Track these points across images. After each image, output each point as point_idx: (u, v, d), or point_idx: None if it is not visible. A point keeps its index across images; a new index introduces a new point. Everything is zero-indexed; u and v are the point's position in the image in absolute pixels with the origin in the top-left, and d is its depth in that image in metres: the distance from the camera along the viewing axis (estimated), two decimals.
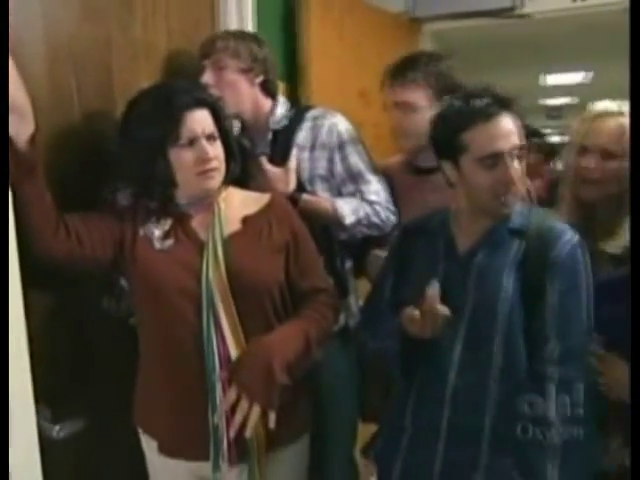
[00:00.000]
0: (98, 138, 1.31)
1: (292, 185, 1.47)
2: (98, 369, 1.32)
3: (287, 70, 2.03)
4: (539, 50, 5.47)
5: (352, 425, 1.65)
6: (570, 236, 1.13)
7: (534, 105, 11.10)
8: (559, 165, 3.51)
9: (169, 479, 1.22)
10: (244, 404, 1.07)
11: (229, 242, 1.15)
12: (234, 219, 1.19)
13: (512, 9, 2.47)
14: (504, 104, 1.13)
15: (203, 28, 1.64)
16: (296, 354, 1.12)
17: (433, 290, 1.08)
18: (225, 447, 1.11)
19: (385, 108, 1.54)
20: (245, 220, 1.19)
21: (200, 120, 1.13)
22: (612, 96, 1.14)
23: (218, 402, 1.10)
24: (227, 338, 1.10)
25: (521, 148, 1.12)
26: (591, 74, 7.50)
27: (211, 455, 1.12)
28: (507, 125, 1.11)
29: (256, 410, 1.07)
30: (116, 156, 1.18)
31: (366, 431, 1.53)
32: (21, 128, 1.00)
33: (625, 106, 1.28)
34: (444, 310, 1.08)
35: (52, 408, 1.16)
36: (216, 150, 1.14)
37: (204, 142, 1.12)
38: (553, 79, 7.92)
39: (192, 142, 1.11)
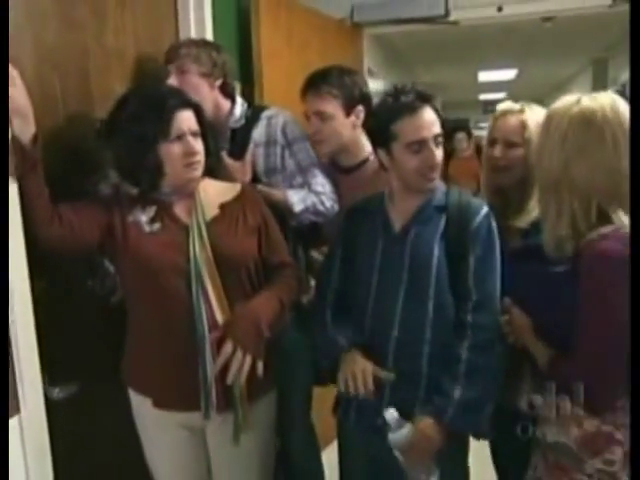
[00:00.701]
0: (80, 136, 1.48)
1: (248, 176, 1.67)
2: (87, 340, 1.49)
3: (242, 72, 2.20)
4: (473, 49, 5.85)
5: (306, 390, 1.83)
6: (485, 211, 1.37)
7: (473, 100, 11.64)
8: None
9: (159, 431, 1.40)
10: (239, 355, 1.28)
11: (211, 225, 1.35)
12: (213, 205, 1.38)
13: (445, 16, 2.74)
14: (426, 99, 1.37)
15: (167, 36, 1.82)
16: (275, 315, 1.35)
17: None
18: (214, 398, 1.31)
19: (306, 117, 1.74)
20: (222, 206, 1.39)
21: (186, 119, 1.31)
22: (536, 90, 1.39)
23: (207, 359, 1.30)
24: (213, 305, 1.30)
25: (440, 136, 1.37)
26: (517, 71, 8.02)
27: (202, 405, 1.32)
28: (429, 116, 1.35)
29: (248, 359, 1.28)
30: (103, 150, 1.34)
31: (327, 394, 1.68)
32: (24, 129, 1.16)
33: (527, 105, 1.58)
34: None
35: (50, 373, 1.33)
36: (199, 145, 1.34)
37: (190, 138, 1.31)
38: (487, 76, 8.40)
39: (180, 138, 1.30)
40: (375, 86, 4.92)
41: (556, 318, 1.18)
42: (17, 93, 1.14)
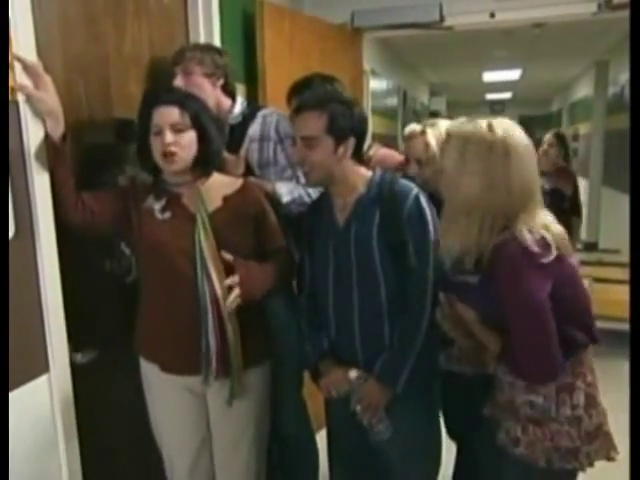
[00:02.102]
0: (101, 134, 1.67)
1: (241, 169, 1.82)
2: (106, 313, 1.69)
3: (247, 75, 2.40)
4: (477, 50, 5.97)
5: (296, 370, 1.92)
6: (413, 194, 1.46)
7: (480, 100, 11.76)
8: None
9: (165, 393, 1.59)
10: (236, 290, 1.46)
11: (215, 215, 1.52)
12: (217, 198, 1.55)
13: (440, 22, 2.90)
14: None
15: (179, 42, 2.00)
16: (268, 279, 1.55)
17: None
18: (214, 365, 1.50)
19: (292, 120, 1.82)
20: (225, 199, 1.56)
21: (165, 114, 1.44)
22: (541, 90, 1.52)
23: (210, 330, 1.48)
24: (215, 284, 1.47)
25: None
26: (521, 72, 8.12)
27: (202, 372, 1.51)
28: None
29: (236, 292, 1.46)
30: (118, 146, 1.54)
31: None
32: (55, 128, 1.36)
33: (429, 126, 1.82)
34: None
35: (74, 341, 1.52)
36: (180, 139, 1.44)
37: (167, 132, 1.43)
38: (492, 76, 8.51)
39: (159, 132, 1.44)
40: (379, 86, 5.10)
41: (487, 312, 1.32)
42: (49, 97, 1.34)
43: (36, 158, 1.34)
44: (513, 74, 8.32)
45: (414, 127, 1.83)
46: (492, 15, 2.92)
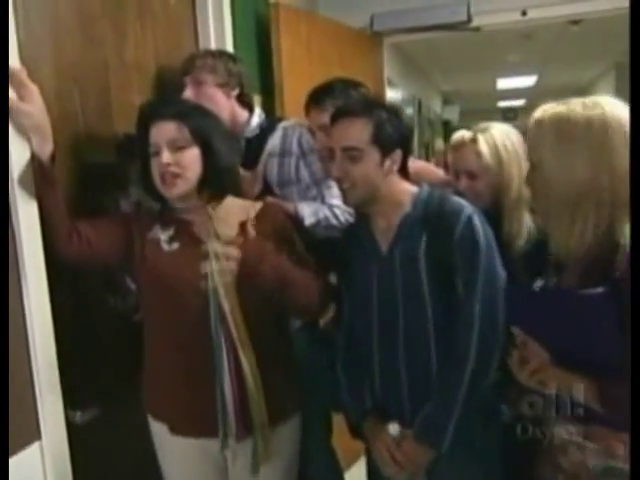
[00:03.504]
0: (100, 151, 1.45)
1: (258, 188, 1.62)
2: (109, 360, 1.45)
3: (263, 85, 2.19)
4: (492, 56, 5.79)
5: (325, 415, 1.75)
6: (466, 215, 1.24)
7: (493, 108, 11.56)
8: None
9: (177, 459, 1.35)
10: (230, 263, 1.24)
11: (230, 244, 1.28)
12: (232, 224, 1.32)
13: (467, 22, 2.68)
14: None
15: (187, 49, 1.79)
16: (287, 271, 1.29)
17: None
18: (232, 423, 1.26)
19: (310, 131, 1.68)
20: (242, 225, 1.33)
21: (162, 131, 1.23)
22: (556, 96, 1.32)
23: (225, 382, 1.25)
24: (231, 327, 1.25)
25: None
26: (537, 78, 7.92)
27: (220, 432, 1.26)
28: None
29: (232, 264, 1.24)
30: (121, 165, 1.31)
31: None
32: (43, 147, 1.14)
33: (480, 132, 1.54)
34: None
35: (71, 396, 1.28)
36: (181, 158, 1.23)
37: (165, 151, 1.22)
38: (506, 83, 8.32)
39: (157, 152, 1.24)
40: (395, 95, 4.90)
41: (582, 343, 1.04)
42: (36, 110, 1.12)
43: (20, 183, 1.12)
44: (528, 80, 8.13)
45: (463, 135, 1.58)
46: (524, 13, 2.70)
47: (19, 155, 1.12)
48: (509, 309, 1.22)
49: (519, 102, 11.22)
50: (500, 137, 1.51)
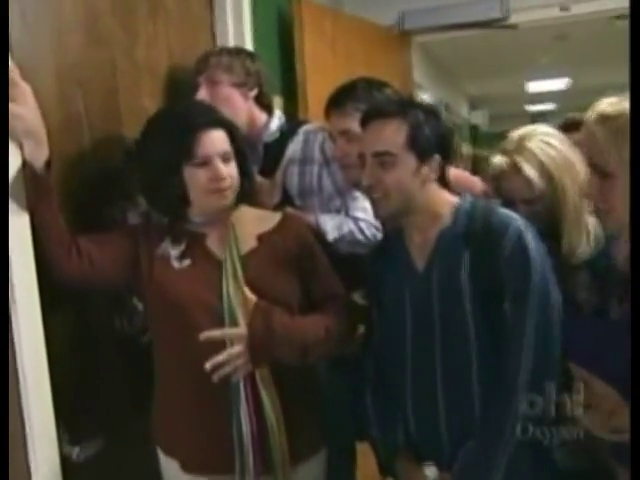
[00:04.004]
0: (106, 159, 1.33)
1: (277, 197, 1.49)
2: (113, 389, 1.32)
3: (285, 87, 2.08)
4: (523, 58, 5.59)
5: (350, 447, 1.63)
6: (514, 228, 1.10)
7: (521, 112, 11.28)
8: None
9: None
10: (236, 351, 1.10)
11: (247, 259, 1.17)
12: (249, 237, 1.20)
13: (502, 19, 2.52)
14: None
15: (203, 49, 1.66)
16: (317, 340, 1.17)
17: None
18: (250, 460, 1.12)
19: (331, 138, 1.53)
20: (260, 238, 1.21)
21: (215, 140, 1.14)
22: (588, 100, 1.16)
23: (242, 414, 1.12)
24: None
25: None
26: (570, 81, 7.66)
27: (237, 470, 1.13)
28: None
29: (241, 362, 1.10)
30: (130, 173, 1.19)
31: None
32: (37, 153, 1.02)
33: (521, 158, 1.30)
34: None
35: (70, 430, 1.17)
36: (230, 169, 1.16)
37: (218, 161, 1.13)
38: (536, 86, 8.07)
39: (206, 161, 1.13)
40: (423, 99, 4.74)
41: None
42: (28, 113, 1.00)
43: (10, 193, 1.00)
44: (559, 83, 7.87)
45: (501, 162, 1.32)
46: (564, 8, 2.52)
47: (9, 162, 1.00)
48: (566, 339, 1.07)
49: (549, 106, 10.93)
50: (542, 150, 1.29)
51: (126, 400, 1.34)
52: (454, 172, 1.71)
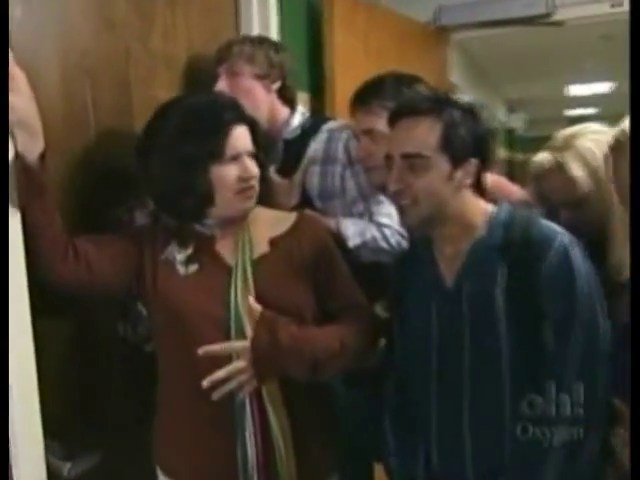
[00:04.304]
0: (114, 155, 1.24)
1: (295, 199, 1.39)
2: (113, 400, 1.24)
3: (313, 82, 1.98)
4: (566, 60, 5.37)
5: (367, 468, 1.54)
6: (560, 241, 0.97)
7: (559, 116, 10.94)
8: None
9: None
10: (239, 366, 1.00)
11: (258, 265, 1.08)
12: (262, 241, 1.11)
13: (547, 16, 2.35)
14: None
15: (225, 39, 1.56)
16: (330, 353, 1.05)
17: None
18: None
19: (356, 137, 1.41)
20: (273, 242, 1.11)
21: (243, 136, 1.06)
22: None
23: (248, 437, 1.03)
24: None
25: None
26: (613, 85, 7.36)
27: None
28: None
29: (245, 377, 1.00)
30: (141, 172, 1.09)
31: None
32: (30, 145, 0.93)
33: (567, 154, 1.20)
34: None
35: (63, 443, 1.09)
36: (256, 168, 1.08)
37: (247, 159, 1.06)
38: (577, 90, 7.79)
39: (235, 159, 1.05)
40: None
41: None
42: (21, 101, 0.91)
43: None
44: (602, 87, 7.57)
45: (545, 160, 1.23)
46: (616, 4, 2.35)
47: None
48: (613, 373, 0.95)
49: (590, 111, 10.57)
50: (590, 149, 1.18)
51: (127, 413, 1.25)
52: (493, 179, 1.58)
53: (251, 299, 1.03)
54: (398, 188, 1.02)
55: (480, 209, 1.05)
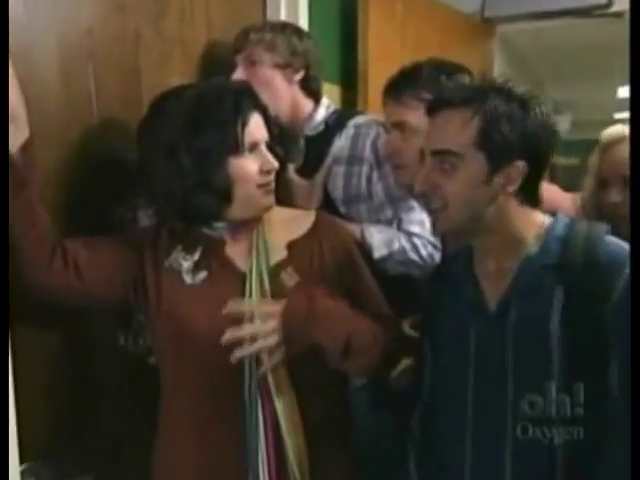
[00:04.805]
0: (119, 148, 1.13)
1: (316, 202, 1.28)
2: (111, 418, 1.13)
3: (343, 74, 1.85)
4: (620, 58, 5.08)
5: None
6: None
7: (608, 119, 10.50)
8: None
9: None
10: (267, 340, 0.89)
11: (274, 273, 0.96)
12: (278, 245, 0.99)
13: (606, 6, 2.14)
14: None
15: (249, 23, 1.44)
16: (360, 336, 0.95)
17: None
18: None
19: (386, 130, 1.27)
20: (291, 246, 0.99)
21: (259, 125, 0.96)
22: None
23: (260, 467, 0.93)
24: (272, 392, 0.92)
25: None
26: None
27: None
28: None
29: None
30: (150, 167, 0.97)
31: None
32: (11, 134, 0.83)
33: None
34: None
35: (54, 465, 1.00)
36: (275, 161, 0.97)
37: (265, 150, 0.96)
38: (627, 92, 7.43)
39: (253, 150, 0.95)
40: None
41: None
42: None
43: None
44: None
45: (618, 129, 1.19)
46: None
47: None
48: None
49: None
50: None
51: (125, 432, 1.14)
52: (550, 190, 1.43)
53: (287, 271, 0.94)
54: (425, 188, 0.88)
55: (531, 221, 0.89)
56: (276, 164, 0.96)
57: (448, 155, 0.85)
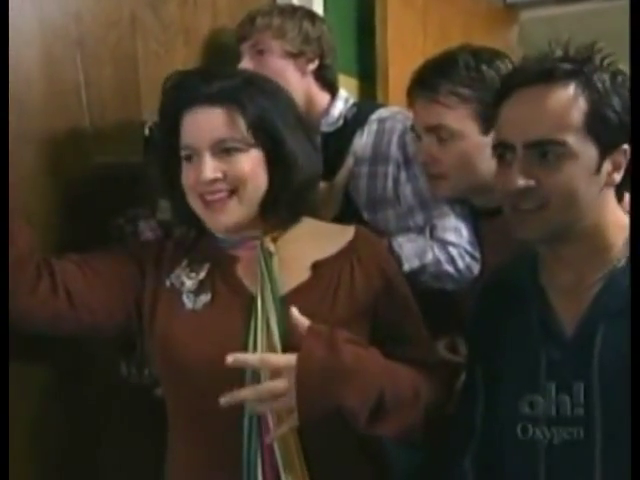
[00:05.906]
0: (115, 150, 1.00)
1: (335, 209, 1.15)
2: (114, 455, 1.00)
3: (360, 65, 1.74)
4: None
5: None
6: None
7: None
8: None
9: None
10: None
11: (293, 298, 0.81)
12: (300, 265, 0.84)
13: None
14: None
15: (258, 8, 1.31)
16: (397, 395, 0.78)
17: None
18: None
19: (414, 131, 1.12)
20: (316, 266, 0.84)
21: (203, 125, 0.79)
22: None
23: None
24: (279, 465, 0.77)
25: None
26: None
27: None
28: None
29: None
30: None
31: None
32: None
33: None
34: None
35: None
36: (235, 167, 0.79)
37: (206, 156, 0.78)
38: None
39: (190, 157, 0.80)
40: None
41: None
42: None
43: None
44: None
45: None
46: None
47: None
48: None
49: None
50: None
51: (127, 472, 1.01)
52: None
53: (294, 310, 0.76)
54: (522, 186, 0.72)
55: (620, 222, 0.73)
56: (208, 174, 0.78)
57: (552, 145, 0.70)
